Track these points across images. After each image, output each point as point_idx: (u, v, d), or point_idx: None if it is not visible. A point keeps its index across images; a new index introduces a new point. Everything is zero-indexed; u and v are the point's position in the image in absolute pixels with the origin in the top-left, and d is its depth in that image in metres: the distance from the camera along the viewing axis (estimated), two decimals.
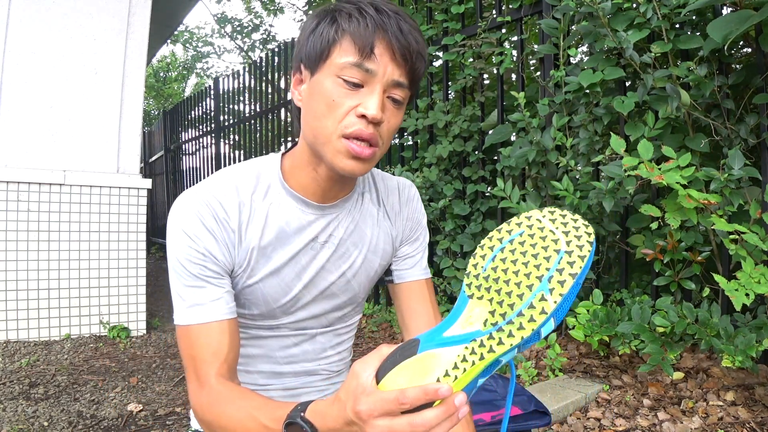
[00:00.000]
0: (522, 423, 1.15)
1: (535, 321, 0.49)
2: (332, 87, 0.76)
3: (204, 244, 0.79)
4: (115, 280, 3.26)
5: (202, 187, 0.83)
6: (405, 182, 1.01)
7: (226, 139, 6.30)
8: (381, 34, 0.75)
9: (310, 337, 0.92)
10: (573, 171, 2.25)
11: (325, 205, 0.87)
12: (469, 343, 0.52)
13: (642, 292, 2.25)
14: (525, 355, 2.35)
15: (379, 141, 0.79)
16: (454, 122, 2.96)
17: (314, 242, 0.87)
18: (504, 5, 2.85)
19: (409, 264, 0.99)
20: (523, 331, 0.50)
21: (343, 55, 0.76)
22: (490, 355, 0.51)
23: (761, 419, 1.68)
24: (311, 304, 0.90)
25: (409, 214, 0.99)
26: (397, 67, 0.77)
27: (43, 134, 3.07)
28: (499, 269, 0.53)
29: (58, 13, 3.10)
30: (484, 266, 0.54)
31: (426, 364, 0.53)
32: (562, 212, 0.54)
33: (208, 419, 0.75)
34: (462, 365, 0.51)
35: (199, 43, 13.28)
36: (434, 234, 3.12)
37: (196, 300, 0.78)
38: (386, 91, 0.78)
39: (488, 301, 0.53)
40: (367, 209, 0.94)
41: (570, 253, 0.51)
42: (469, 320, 0.53)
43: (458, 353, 0.52)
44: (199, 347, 0.77)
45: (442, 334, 0.54)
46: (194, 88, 14.01)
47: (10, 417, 2.01)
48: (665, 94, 2.00)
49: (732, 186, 1.80)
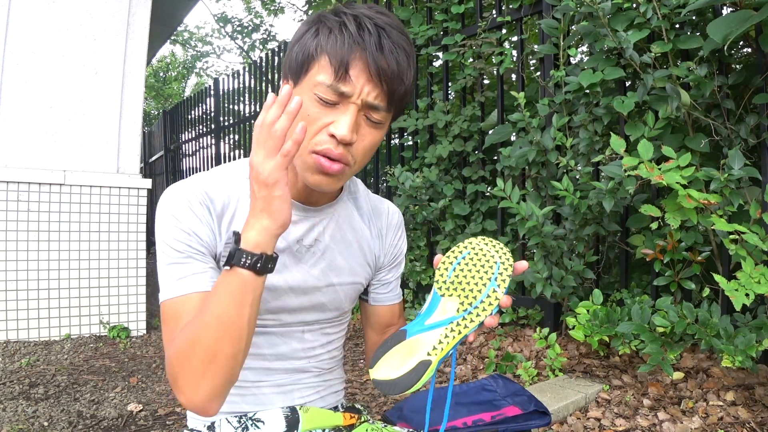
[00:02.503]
0: (522, 423, 1.15)
1: (492, 305, 0.75)
2: (308, 102, 0.77)
3: (189, 224, 0.80)
4: (115, 280, 3.26)
5: (191, 179, 0.85)
6: (393, 209, 1.03)
7: (226, 139, 6.30)
8: (359, 53, 0.74)
9: (297, 335, 0.93)
10: (573, 171, 2.25)
11: (310, 207, 0.88)
12: (448, 325, 0.75)
13: (642, 292, 2.25)
14: (525, 356, 2.35)
15: (350, 160, 0.79)
16: (454, 122, 2.96)
17: (299, 244, 0.88)
18: (504, 5, 2.85)
19: (386, 289, 1.02)
20: (485, 312, 0.75)
21: (320, 71, 0.76)
22: (464, 330, 0.75)
23: (761, 419, 1.68)
24: (296, 305, 0.90)
25: (394, 241, 1.01)
26: (373, 88, 0.76)
27: (43, 134, 3.07)
28: (460, 276, 0.78)
29: (58, 13, 3.11)
30: (449, 275, 0.79)
31: (414, 345, 0.75)
32: (490, 239, 0.81)
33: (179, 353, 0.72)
34: (445, 341, 0.74)
35: (198, 43, 13.28)
36: (434, 234, 3.12)
37: (180, 274, 0.79)
38: (362, 111, 0.77)
39: (457, 297, 0.77)
40: (356, 223, 0.95)
41: (503, 263, 0.78)
42: (445, 311, 0.77)
43: (441, 333, 0.75)
44: (178, 317, 0.77)
45: (424, 323, 0.77)
46: (194, 88, 14.01)
47: (10, 417, 2.01)
48: (665, 94, 2.00)
49: (732, 186, 1.80)
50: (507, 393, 1.22)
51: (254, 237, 0.71)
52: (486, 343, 2.58)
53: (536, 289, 2.29)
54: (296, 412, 0.90)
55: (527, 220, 2.23)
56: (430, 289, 2.95)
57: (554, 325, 2.48)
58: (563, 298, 2.43)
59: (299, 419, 0.89)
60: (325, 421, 0.92)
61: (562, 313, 2.49)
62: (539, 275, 2.28)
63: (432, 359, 0.72)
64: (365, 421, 0.99)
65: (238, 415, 0.88)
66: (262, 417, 0.88)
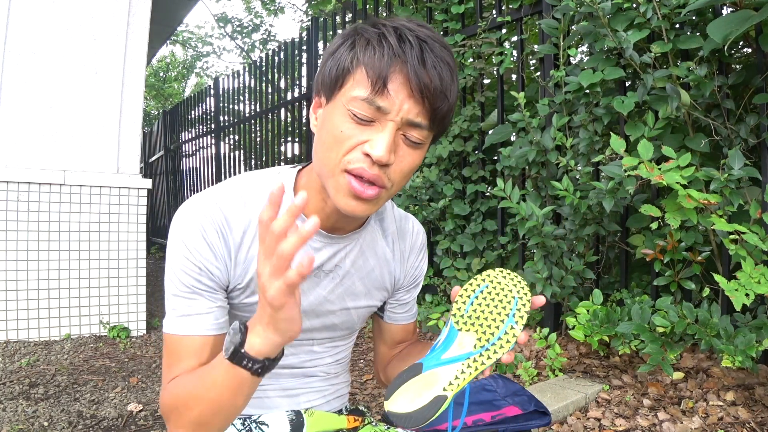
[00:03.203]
0: (522, 423, 1.15)
1: (510, 342, 0.73)
2: (341, 119, 0.71)
3: (201, 259, 0.76)
4: (115, 280, 3.26)
5: (210, 196, 0.79)
6: (418, 228, 0.98)
7: (226, 139, 6.30)
8: (399, 66, 0.68)
9: (306, 348, 0.92)
10: (573, 171, 2.25)
11: (335, 235, 0.84)
12: (465, 360, 0.74)
13: (642, 292, 2.25)
14: (525, 356, 2.35)
15: (387, 182, 0.72)
16: (454, 122, 2.96)
17: (318, 270, 0.84)
18: (504, 5, 2.85)
19: (402, 309, 0.99)
20: (502, 349, 0.73)
21: (356, 86, 0.70)
22: (481, 366, 0.73)
23: (761, 419, 1.68)
24: (308, 326, 0.88)
25: (415, 263, 0.97)
26: (414, 104, 0.70)
27: (43, 134, 3.07)
28: (478, 311, 0.76)
29: (58, 13, 3.10)
30: (466, 309, 0.77)
31: (430, 379, 0.74)
32: (508, 271, 0.79)
33: (168, 409, 0.75)
34: (461, 376, 0.73)
35: (198, 43, 13.29)
36: (434, 234, 3.12)
37: (184, 311, 0.77)
38: (401, 130, 0.71)
39: (475, 332, 0.75)
40: (378, 246, 0.91)
41: (521, 298, 0.76)
42: (461, 346, 0.75)
43: (457, 368, 0.73)
44: (177, 356, 0.76)
45: (441, 357, 0.75)
46: (194, 88, 14.01)
47: (10, 417, 2.01)
48: (665, 94, 2.00)
49: (732, 186, 1.80)
50: (507, 393, 1.22)
51: (259, 345, 0.66)
52: None
53: (536, 289, 2.29)
54: (301, 416, 0.89)
55: (527, 220, 2.23)
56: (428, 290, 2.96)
57: (554, 325, 2.48)
58: (563, 298, 2.43)
59: (304, 423, 0.88)
60: (330, 425, 0.92)
61: (562, 313, 2.49)
62: (539, 275, 2.28)
63: (448, 395, 0.72)
64: (368, 423, 0.99)
65: (242, 418, 0.88)
66: (267, 420, 0.87)
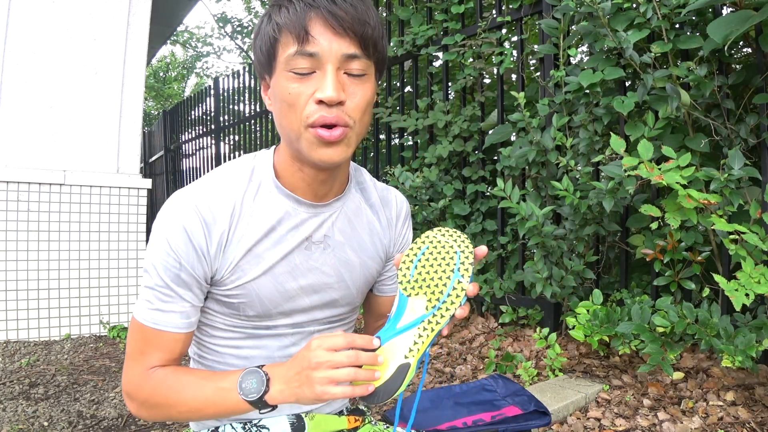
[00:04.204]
0: (522, 423, 1.15)
1: (459, 296, 0.74)
2: (286, 83, 0.75)
3: (181, 255, 0.78)
4: (115, 280, 3.26)
5: (193, 191, 0.81)
6: (401, 198, 1.01)
7: (226, 140, 6.30)
8: (314, 13, 0.73)
9: (307, 335, 0.92)
10: (573, 171, 2.25)
11: (318, 204, 0.86)
12: (419, 324, 0.75)
13: (642, 292, 2.25)
14: (525, 356, 2.35)
15: (348, 120, 0.76)
16: (454, 122, 2.96)
17: (308, 241, 0.86)
18: (504, 5, 2.85)
19: (391, 281, 1.01)
20: (453, 305, 0.74)
21: (286, 48, 0.75)
22: (437, 327, 0.74)
23: (761, 419, 1.68)
24: (308, 304, 0.89)
25: (402, 231, 0.99)
26: (341, 39, 0.74)
27: (43, 134, 3.07)
28: (423, 273, 0.77)
29: (58, 13, 3.11)
30: (411, 273, 0.77)
31: (391, 350, 0.74)
32: (446, 228, 0.81)
33: (143, 396, 0.80)
34: (419, 341, 0.74)
35: (198, 44, 13.29)
36: None
37: (156, 305, 0.79)
38: (341, 68, 0.75)
39: (423, 294, 0.76)
40: (364, 215, 0.93)
41: (463, 252, 0.77)
42: (414, 311, 0.76)
43: (414, 334, 0.74)
44: (151, 345, 0.80)
45: (396, 327, 0.75)
46: (194, 88, 14.01)
47: (10, 417, 2.01)
48: (665, 94, 2.00)
49: (732, 186, 1.80)
50: (507, 393, 1.22)
51: (277, 397, 0.74)
52: (486, 343, 2.58)
53: (536, 289, 2.29)
54: (302, 419, 0.89)
55: (527, 220, 2.23)
56: None
57: (554, 325, 2.48)
58: (563, 298, 2.43)
59: (305, 426, 0.89)
60: (331, 426, 0.92)
61: (562, 313, 2.49)
62: (539, 275, 2.28)
63: (410, 361, 0.73)
64: (368, 422, 0.99)
65: (242, 422, 0.88)
66: (267, 423, 0.87)
